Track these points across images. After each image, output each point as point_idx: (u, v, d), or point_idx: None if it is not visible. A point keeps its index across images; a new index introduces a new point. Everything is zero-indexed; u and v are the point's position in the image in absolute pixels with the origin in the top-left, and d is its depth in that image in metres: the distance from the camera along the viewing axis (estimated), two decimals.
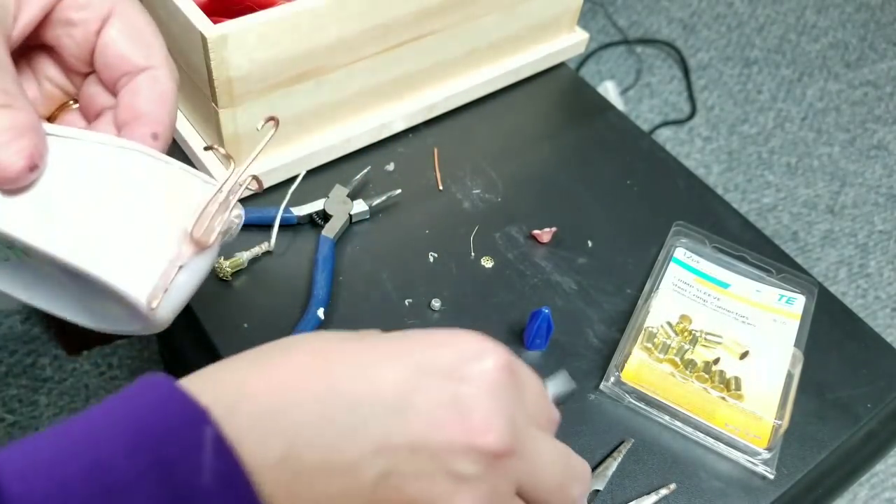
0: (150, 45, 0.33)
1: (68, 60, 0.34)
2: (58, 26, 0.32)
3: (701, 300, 0.57)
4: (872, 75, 1.95)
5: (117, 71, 0.33)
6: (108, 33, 0.32)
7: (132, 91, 0.32)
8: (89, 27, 0.32)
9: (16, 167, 0.28)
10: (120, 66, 0.33)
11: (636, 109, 1.81)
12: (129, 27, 0.33)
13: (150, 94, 0.32)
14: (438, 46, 0.64)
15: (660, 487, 0.48)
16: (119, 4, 0.33)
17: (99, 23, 0.32)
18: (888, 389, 0.55)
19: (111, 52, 0.32)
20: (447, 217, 0.61)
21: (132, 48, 0.32)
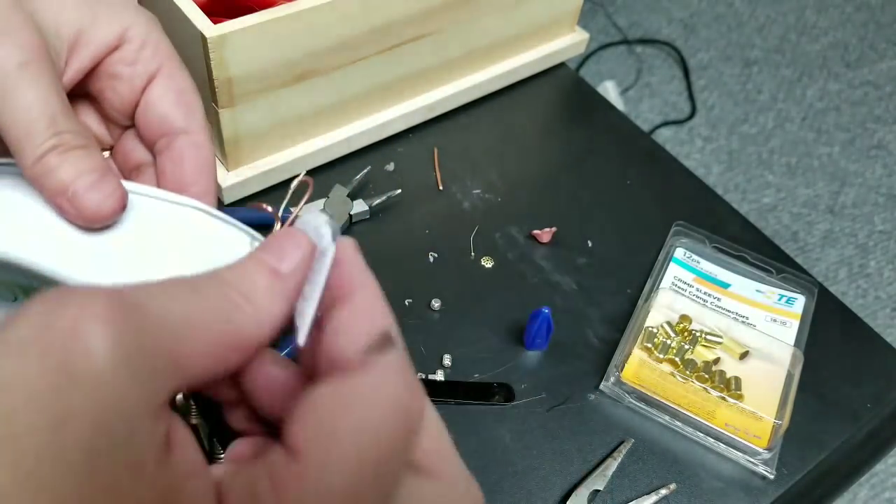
0: (192, 107, 0.33)
1: (109, 112, 0.34)
2: (104, 78, 0.32)
3: (701, 300, 0.57)
4: (872, 75, 1.95)
5: (158, 131, 0.32)
6: (154, 92, 0.32)
7: (176, 159, 0.32)
8: (135, 83, 0.32)
9: (106, 207, 0.28)
10: (161, 126, 0.32)
11: (636, 109, 1.81)
12: (174, 88, 0.32)
13: (195, 163, 0.32)
14: (438, 46, 0.64)
15: (660, 487, 0.48)
16: (167, 63, 0.32)
17: (145, 80, 0.32)
18: (888, 389, 0.55)
19: (154, 111, 0.32)
20: (447, 217, 0.61)
21: (175, 110, 0.32)
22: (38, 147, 0.27)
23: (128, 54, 0.31)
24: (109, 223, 0.29)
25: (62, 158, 0.28)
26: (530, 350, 0.54)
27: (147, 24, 0.32)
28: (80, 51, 0.30)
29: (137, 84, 0.32)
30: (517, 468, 0.48)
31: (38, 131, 0.27)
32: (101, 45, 0.31)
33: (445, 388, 0.50)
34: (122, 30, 0.31)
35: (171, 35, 0.55)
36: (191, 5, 0.51)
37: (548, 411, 0.51)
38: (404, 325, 0.54)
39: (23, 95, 0.27)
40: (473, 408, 0.50)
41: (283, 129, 0.59)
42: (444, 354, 0.52)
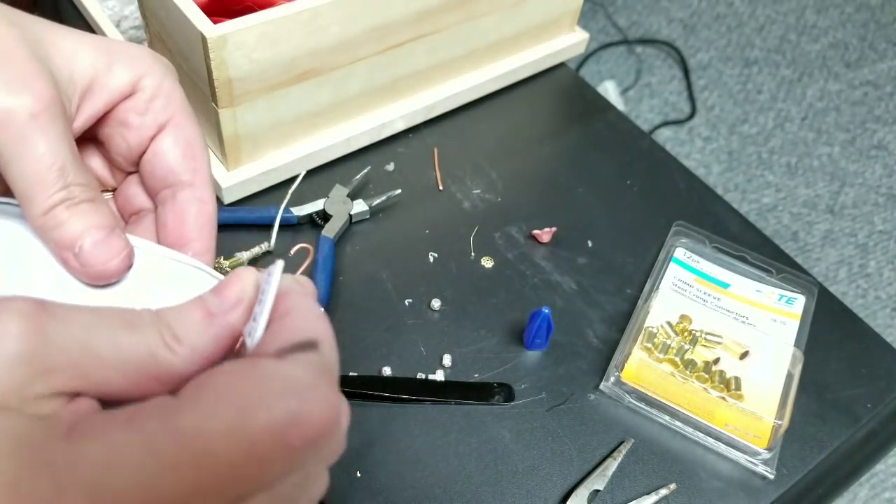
0: (198, 161, 0.33)
1: (115, 158, 0.33)
2: (113, 125, 0.32)
3: (701, 300, 0.57)
4: (872, 75, 1.95)
5: (162, 182, 0.32)
6: (162, 143, 0.32)
7: (178, 214, 0.32)
8: (144, 133, 0.32)
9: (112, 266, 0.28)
10: (166, 178, 0.32)
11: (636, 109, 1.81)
12: (183, 140, 0.32)
13: (197, 220, 0.32)
14: (438, 46, 0.64)
15: (660, 487, 0.48)
16: (177, 114, 0.32)
17: (155, 130, 0.32)
18: (888, 389, 0.55)
19: (161, 162, 0.32)
20: (447, 217, 0.61)
21: (182, 162, 0.32)
22: (48, 199, 0.27)
23: (140, 103, 0.31)
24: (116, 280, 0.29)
25: (71, 212, 0.27)
26: (530, 350, 0.53)
27: (162, 73, 0.32)
28: (93, 97, 0.30)
29: (146, 134, 0.32)
30: (517, 468, 0.48)
31: (47, 183, 0.27)
32: (115, 93, 0.31)
33: (445, 388, 0.50)
34: (136, 78, 0.31)
35: (171, 35, 0.55)
36: (191, 5, 0.51)
37: (548, 411, 0.51)
38: (404, 325, 0.54)
39: (34, 146, 0.27)
40: (473, 408, 0.50)
41: (283, 129, 0.59)
42: (444, 354, 0.52)
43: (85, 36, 0.30)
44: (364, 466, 0.47)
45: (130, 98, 0.31)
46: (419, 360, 0.52)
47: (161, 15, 0.56)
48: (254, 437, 0.21)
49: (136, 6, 0.70)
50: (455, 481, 0.47)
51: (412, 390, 0.50)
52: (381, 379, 0.51)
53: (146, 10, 0.59)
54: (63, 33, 0.29)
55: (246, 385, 0.21)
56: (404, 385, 0.50)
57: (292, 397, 0.21)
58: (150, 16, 0.59)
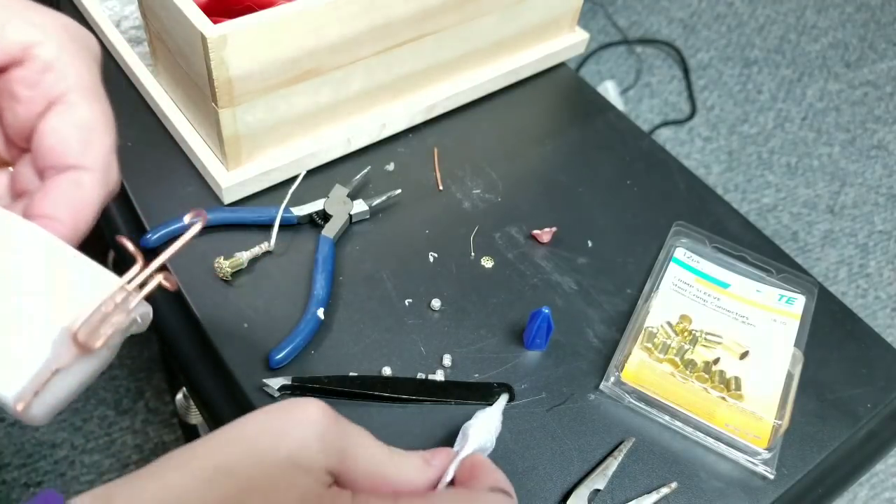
0: (89, 143, 0.30)
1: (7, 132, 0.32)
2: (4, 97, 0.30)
3: (701, 300, 0.57)
4: (872, 75, 1.95)
5: (46, 161, 0.30)
6: (49, 121, 0.30)
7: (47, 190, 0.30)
8: (32, 108, 0.30)
9: None
10: (49, 157, 0.30)
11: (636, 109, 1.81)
12: (72, 120, 0.30)
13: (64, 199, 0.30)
14: (438, 46, 0.64)
15: (660, 486, 0.48)
16: (73, 93, 0.30)
17: (43, 106, 0.30)
18: (888, 389, 0.55)
19: (45, 141, 0.30)
20: (447, 217, 0.61)
21: (67, 144, 0.30)
22: None
23: (30, 75, 0.29)
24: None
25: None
26: (530, 350, 0.53)
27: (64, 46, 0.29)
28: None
29: (34, 110, 0.30)
30: (517, 468, 0.48)
31: None
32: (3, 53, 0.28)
33: (445, 388, 0.50)
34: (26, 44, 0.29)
35: (171, 35, 0.55)
36: (191, 5, 0.51)
37: (548, 411, 0.51)
38: (404, 325, 0.54)
39: None
40: (473, 408, 0.50)
41: (283, 128, 0.59)
42: (444, 354, 0.52)
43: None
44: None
45: (20, 67, 0.29)
46: (419, 360, 0.52)
47: (161, 15, 0.56)
48: None
49: (136, 6, 0.70)
50: None
51: (412, 390, 0.50)
52: (381, 379, 0.51)
53: (146, 10, 0.59)
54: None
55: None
56: (404, 385, 0.50)
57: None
58: (150, 16, 0.59)
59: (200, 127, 0.60)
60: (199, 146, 0.60)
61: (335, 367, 0.51)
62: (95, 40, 0.32)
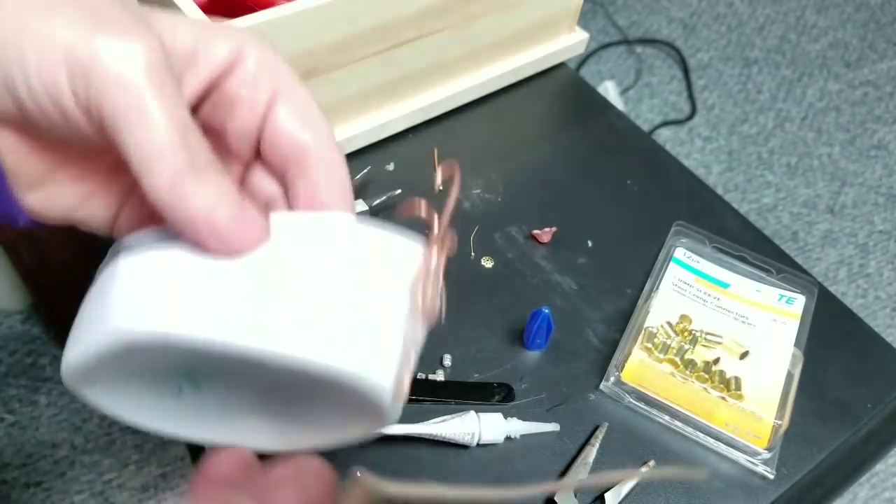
0: (319, 125, 0.30)
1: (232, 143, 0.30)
2: (222, 107, 0.29)
3: (701, 300, 0.57)
4: (872, 75, 1.95)
5: (287, 156, 0.29)
6: (278, 113, 0.29)
7: (308, 183, 0.29)
8: (257, 106, 0.29)
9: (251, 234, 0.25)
10: (290, 149, 0.29)
11: (636, 109, 1.81)
12: (297, 106, 0.30)
13: (329, 184, 0.29)
14: (438, 46, 0.64)
15: (640, 467, 0.48)
16: (287, 81, 0.30)
17: (267, 101, 0.29)
18: (888, 389, 0.55)
19: (282, 134, 0.29)
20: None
21: (303, 129, 0.29)
22: (170, 170, 0.24)
23: (246, 75, 0.29)
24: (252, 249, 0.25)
25: (198, 182, 0.24)
26: (530, 350, 0.54)
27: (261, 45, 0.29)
28: (196, 68, 0.28)
29: (259, 107, 0.29)
30: (517, 468, 0.48)
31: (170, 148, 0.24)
32: (217, 64, 0.28)
33: (445, 388, 0.50)
34: (237, 47, 0.28)
35: None
36: (191, 5, 0.51)
37: (548, 411, 0.51)
38: None
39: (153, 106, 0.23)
40: (473, 408, 0.50)
41: None
42: (444, 354, 0.52)
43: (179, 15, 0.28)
44: (364, 467, 0.47)
45: (235, 71, 0.29)
46: (419, 360, 0.52)
47: None
48: None
49: None
50: (455, 481, 0.47)
51: (412, 390, 0.50)
52: None
53: None
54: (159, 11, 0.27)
55: None
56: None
57: None
58: None
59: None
60: None
61: None
62: None
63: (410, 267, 0.29)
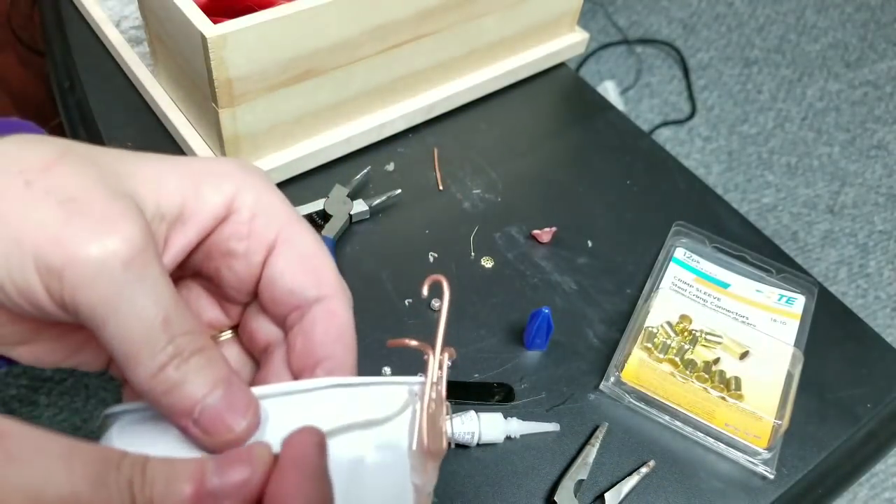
0: (321, 271, 0.28)
1: (227, 292, 0.29)
2: (217, 257, 0.28)
3: (701, 300, 0.57)
4: (872, 75, 1.95)
5: (287, 306, 0.28)
6: (276, 265, 0.28)
7: (307, 331, 0.28)
8: (252, 259, 0.28)
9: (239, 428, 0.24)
10: (289, 301, 0.28)
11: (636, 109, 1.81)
12: (298, 254, 0.28)
13: (326, 335, 0.28)
14: (438, 46, 0.64)
15: (640, 467, 0.48)
16: (285, 229, 0.28)
17: (264, 253, 0.28)
18: (888, 389, 0.55)
19: (279, 286, 0.28)
20: (447, 217, 0.61)
21: (303, 279, 0.28)
22: (154, 359, 0.23)
23: (239, 227, 0.27)
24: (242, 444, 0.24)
25: (183, 371, 0.23)
26: (530, 350, 0.53)
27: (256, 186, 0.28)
28: (184, 227, 0.26)
29: (255, 259, 0.28)
30: (517, 468, 0.48)
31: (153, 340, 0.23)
32: (208, 219, 0.27)
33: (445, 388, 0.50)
34: (228, 199, 0.27)
35: (171, 35, 0.55)
36: (191, 5, 0.51)
37: (548, 411, 0.51)
38: (404, 325, 0.54)
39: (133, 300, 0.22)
40: (473, 408, 0.50)
41: (282, 129, 0.59)
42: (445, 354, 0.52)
43: (165, 160, 0.27)
44: None
45: (227, 222, 0.27)
46: (419, 360, 0.52)
47: (161, 15, 0.56)
48: None
49: (136, 6, 0.70)
50: (455, 481, 0.47)
51: None
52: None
53: (146, 10, 0.59)
54: (142, 162, 0.26)
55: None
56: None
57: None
58: (150, 16, 0.59)
59: (200, 127, 0.60)
60: (199, 146, 0.60)
61: None
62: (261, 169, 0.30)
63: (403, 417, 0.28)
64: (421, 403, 0.28)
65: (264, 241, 0.28)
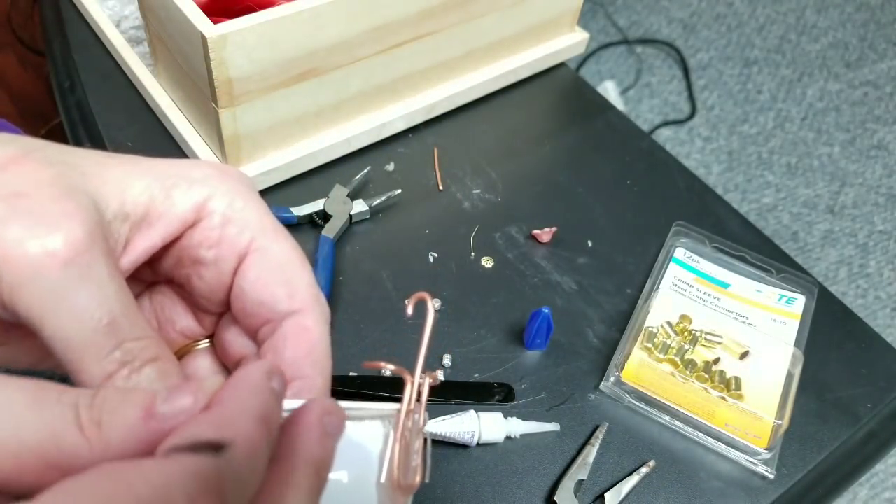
0: (294, 283, 0.27)
1: (199, 301, 0.28)
2: (187, 265, 0.27)
3: (701, 300, 0.57)
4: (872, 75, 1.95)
5: (258, 319, 0.27)
6: (247, 275, 0.26)
7: (278, 348, 0.27)
8: (223, 268, 0.27)
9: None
10: (260, 313, 0.27)
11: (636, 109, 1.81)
12: (270, 264, 0.27)
13: (296, 351, 0.26)
14: (438, 46, 0.64)
15: (640, 467, 0.48)
16: (259, 237, 0.27)
17: (235, 261, 0.27)
18: (888, 389, 0.55)
19: (249, 298, 0.27)
20: (447, 217, 0.61)
21: (274, 291, 0.26)
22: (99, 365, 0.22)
23: (209, 233, 0.26)
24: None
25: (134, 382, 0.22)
26: (530, 350, 0.53)
27: (230, 192, 0.27)
28: (149, 229, 0.25)
29: (226, 268, 0.27)
30: (517, 468, 0.48)
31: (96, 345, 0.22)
32: (174, 222, 0.26)
33: (445, 388, 0.50)
34: (199, 203, 0.26)
35: (171, 35, 0.55)
36: (191, 5, 0.51)
37: (548, 411, 0.51)
38: (404, 325, 0.54)
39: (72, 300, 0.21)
40: (473, 408, 0.50)
41: (282, 129, 0.59)
42: (444, 354, 0.52)
43: (141, 162, 0.26)
44: None
45: (196, 228, 0.26)
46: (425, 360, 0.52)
47: (161, 15, 0.56)
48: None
49: (136, 6, 0.70)
50: (455, 481, 0.47)
51: None
52: (382, 379, 0.51)
53: (146, 10, 0.59)
54: (115, 162, 0.25)
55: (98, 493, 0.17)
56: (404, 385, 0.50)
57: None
58: (150, 16, 0.59)
59: (200, 127, 0.60)
60: (200, 146, 0.60)
61: (335, 367, 0.50)
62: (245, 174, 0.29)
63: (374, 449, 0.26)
64: (395, 433, 0.26)
65: (235, 250, 0.26)
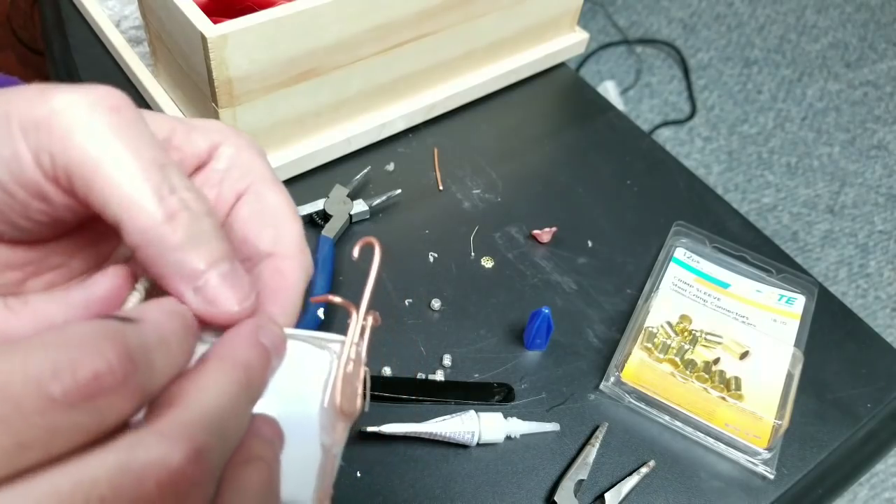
0: (282, 230, 0.29)
1: None
2: None
3: (701, 300, 0.57)
4: (872, 75, 1.95)
5: (240, 254, 0.28)
6: (238, 213, 0.28)
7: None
8: (220, 206, 0.28)
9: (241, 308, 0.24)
10: (241, 249, 0.28)
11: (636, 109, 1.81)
12: (262, 208, 0.29)
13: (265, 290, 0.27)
14: (438, 46, 0.64)
15: (640, 467, 0.48)
16: (257, 183, 0.29)
17: (232, 201, 0.28)
18: (888, 389, 0.55)
19: (236, 234, 0.28)
20: (447, 217, 0.61)
21: (260, 231, 0.28)
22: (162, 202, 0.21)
23: (213, 175, 0.28)
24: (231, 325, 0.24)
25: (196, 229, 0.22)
26: (530, 350, 0.54)
27: (240, 145, 0.29)
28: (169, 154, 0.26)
29: (223, 207, 0.28)
30: (517, 468, 0.48)
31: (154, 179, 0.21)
32: (189, 156, 0.27)
33: (445, 388, 0.50)
34: (212, 146, 0.28)
35: (171, 35, 0.55)
36: (191, 5, 0.51)
37: (548, 411, 0.51)
38: (404, 325, 0.54)
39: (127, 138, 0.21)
40: (473, 408, 0.50)
41: (282, 129, 0.59)
42: (444, 354, 0.52)
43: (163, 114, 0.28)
44: (364, 466, 0.47)
45: (204, 169, 0.28)
46: (419, 360, 0.52)
47: (161, 15, 0.56)
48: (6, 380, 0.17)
49: (136, 6, 0.70)
50: (455, 481, 0.47)
51: (412, 390, 0.50)
52: (381, 379, 0.51)
53: (146, 10, 0.59)
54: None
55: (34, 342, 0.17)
56: (404, 385, 0.50)
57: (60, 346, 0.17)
58: (150, 16, 0.59)
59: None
60: None
61: None
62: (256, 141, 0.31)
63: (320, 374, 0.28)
64: (338, 361, 0.28)
65: (234, 192, 0.28)
